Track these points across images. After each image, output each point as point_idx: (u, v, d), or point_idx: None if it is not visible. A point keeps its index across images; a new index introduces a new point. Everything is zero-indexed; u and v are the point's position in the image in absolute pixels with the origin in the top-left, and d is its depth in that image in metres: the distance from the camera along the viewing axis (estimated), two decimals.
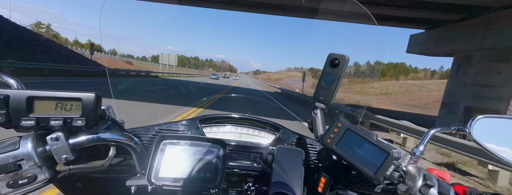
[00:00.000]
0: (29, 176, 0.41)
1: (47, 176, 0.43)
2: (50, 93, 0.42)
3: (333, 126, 0.54)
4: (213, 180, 0.56)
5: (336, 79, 0.57)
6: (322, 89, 0.59)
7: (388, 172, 0.41)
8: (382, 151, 0.43)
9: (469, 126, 0.48)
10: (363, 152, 0.46)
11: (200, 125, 0.81)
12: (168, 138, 0.58)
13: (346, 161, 0.48)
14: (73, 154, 0.44)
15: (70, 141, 0.44)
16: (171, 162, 0.55)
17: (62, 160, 0.44)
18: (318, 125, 0.63)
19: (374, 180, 0.42)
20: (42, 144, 0.43)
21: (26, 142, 0.41)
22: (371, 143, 0.45)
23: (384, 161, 0.42)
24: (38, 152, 0.42)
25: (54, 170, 0.46)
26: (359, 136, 0.48)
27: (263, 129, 0.86)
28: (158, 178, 0.53)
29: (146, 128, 0.75)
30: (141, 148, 0.57)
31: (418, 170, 0.43)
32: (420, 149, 0.48)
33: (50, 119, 0.41)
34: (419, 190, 0.42)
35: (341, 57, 0.56)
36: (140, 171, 0.58)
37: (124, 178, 0.59)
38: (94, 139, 0.47)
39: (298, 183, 0.63)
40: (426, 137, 0.50)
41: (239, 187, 0.72)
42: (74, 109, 0.43)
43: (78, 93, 0.43)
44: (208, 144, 0.59)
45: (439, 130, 0.51)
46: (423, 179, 0.42)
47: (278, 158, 0.68)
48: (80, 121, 0.42)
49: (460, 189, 0.43)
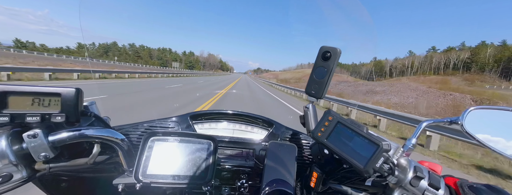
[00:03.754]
0: (4, 175, 0.40)
1: (24, 175, 0.42)
2: (26, 88, 0.40)
3: (323, 119, 0.53)
4: (204, 176, 0.55)
5: (328, 72, 0.56)
6: (314, 83, 0.58)
7: (377, 164, 0.41)
8: (372, 143, 0.42)
9: (462, 118, 0.48)
10: (354, 145, 0.45)
11: (191, 121, 0.79)
12: (157, 135, 0.56)
13: (337, 154, 0.48)
14: (53, 152, 0.43)
15: (50, 138, 0.43)
16: (160, 159, 0.54)
17: (41, 158, 0.42)
18: (310, 119, 0.62)
19: (364, 172, 0.41)
20: (18, 141, 0.41)
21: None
22: (361, 135, 0.45)
23: (374, 154, 0.41)
24: (13, 150, 0.40)
25: (32, 169, 0.44)
26: (349, 129, 0.47)
27: (256, 125, 0.85)
28: (146, 176, 0.52)
29: (134, 125, 0.74)
30: (128, 145, 0.55)
31: (409, 162, 0.43)
32: (412, 142, 0.47)
33: (26, 115, 0.39)
34: (409, 182, 0.41)
35: (333, 49, 0.55)
36: (127, 169, 0.57)
37: (111, 177, 0.58)
38: (76, 136, 0.45)
39: (291, 179, 0.62)
40: (418, 129, 0.49)
41: (232, 184, 0.71)
42: (53, 105, 0.41)
43: (57, 88, 0.41)
44: (198, 140, 0.58)
45: (432, 122, 0.50)
46: (414, 171, 0.42)
47: (271, 154, 0.67)
48: (59, 117, 0.41)
49: (451, 181, 0.43)
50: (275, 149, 0.68)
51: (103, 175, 0.61)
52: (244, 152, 0.77)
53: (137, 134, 0.72)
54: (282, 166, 0.64)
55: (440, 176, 0.43)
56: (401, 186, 0.42)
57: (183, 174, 0.54)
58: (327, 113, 0.53)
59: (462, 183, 0.41)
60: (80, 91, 0.43)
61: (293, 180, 0.62)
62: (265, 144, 0.77)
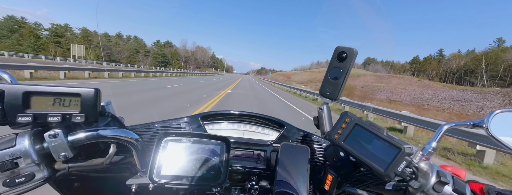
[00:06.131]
0: (27, 175, 0.40)
1: (46, 175, 0.42)
2: (48, 88, 0.40)
3: (341, 121, 0.52)
4: (216, 178, 0.54)
5: (343, 73, 0.55)
6: (328, 84, 0.57)
7: (399, 168, 0.40)
8: (393, 146, 0.41)
9: (487, 121, 0.46)
10: (373, 148, 0.44)
11: (202, 122, 0.80)
12: (170, 135, 0.56)
13: (355, 157, 0.46)
14: (72, 152, 0.43)
15: (69, 138, 0.43)
16: (173, 159, 0.54)
17: (61, 158, 0.42)
18: (324, 121, 0.61)
19: (385, 176, 0.40)
20: (40, 141, 0.42)
21: (23, 139, 0.40)
22: (381, 138, 0.43)
23: (396, 157, 0.40)
24: (36, 150, 0.40)
25: (53, 168, 0.44)
26: (368, 132, 0.46)
27: (267, 126, 0.84)
28: (160, 176, 0.52)
29: (146, 125, 0.74)
30: (142, 146, 0.55)
31: (431, 167, 0.41)
32: (432, 145, 0.46)
33: (48, 115, 0.39)
34: (432, 187, 0.40)
35: (349, 50, 0.54)
36: (141, 170, 0.57)
37: (124, 177, 0.58)
38: (94, 136, 0.46)
39: (304, 181, 0.61)
40: (439, 133, 0.48)
41: (242, 186, 0.71)
42: (73, 105, 0.41)
43: (77, 89, 0.41)
44: (211, 141, 0.58)
45: (454, 125, 0.49)
46: (437, 176, 0.40)
47: (283, 156, 0.66)
48: (79, 117, 0.41)
49: (477, 187, 0.41)
50: (287, 150, 0.67)
51: (115, 175, 0.61)
52: (255, 154, 0.77)
53: (149, 134, 0.72)
54: (295, 168, 0.63)
55: (465, 181, 0.41)
56: (423, 191, 0.41)
57: (196, 175, 0.53)
58: (344, 115, 0.52)
59: (489, 189, 0.39)
60: (99, 91, 0.43)
61: (306, 182, 0.61)
62: (277, 145, 0.76)
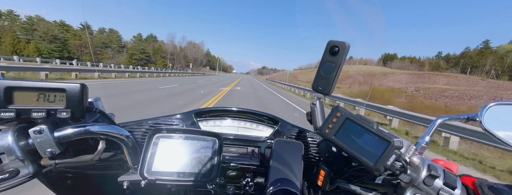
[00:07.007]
0: (11, 171, 0.39)
1: (31, 171, 0.42)
2: (31, 83, 0.40)
3: (331, 115, 0.51)
4: (208, 174, 0.54)
5: (335, 67, 0.54)
6: (321, 78, 0.56)
7: (389, 162, 0.39)
8: (383, 140, 0.40)
9: (480, 114, 0.45)
10: (363, 142, 0.43)
11: (195, 118, 0.79)
12: (162, 131, 0.56)
13: (346, 151, 0.46)
14: (58, 148, 0.43)
15: (55, 134, 0.42)
16: (165, 156, 0.54)
17: (47, 154, 0.42)
18: (317, 116, 0.60)
19: (374, 170, 0.40)
20: (25, 137, 0.41)
21: (6, 135, 0.39)
22: (371, 132, 0.43)
23: (385, 151, 0.39)
24: (20, 146, 0.40)
25: (39, 165, 0.44)
26: (358, 126, 0.45)
27: (261, 123, 0.84)
28: (151, 172, 0.51)
29: (138, 122, 0.74)
30: (133, 142, 0.55)
31: (422, 161, 0.41)
32: (425, 139, 0.45)
33: (31, 110, 0.39)
34: (423, 181, 0.39)
35: (341, 44, 0.53)
36: (132, 166, 0.56)
37: (116, 174, 0.57)
38: (81, 132, 0.45)
39: (298, 177, 0.61)
40: (432, 127, 0.47)
41: (237, 183, 0.70)
42: (58, 101, 0.41)
43: (62, 84, 0.41)
44: (203, 138, 0.57)
45: (447, 119, 0.48)
46: (428, 170, 0.39)
47: (277, 152, 0.66)
48: (64, 112, 0.40)
49: (469, 181, 0.41)
50: (281, 146, 0.67)
51: (108, 172, 0.61)
52: (249, 150, 0.76)
53: (142, 131, 0.72)
54: (288, 164, 0.63)
55: (456, 175, 0.41)
56: (414, 185, 0.40)
57: (188, 172, 0.53)
58: (335, 109, 0.51)
59: (481, 183, 0.39)
60: (85, 86, 0.42)
61: (299, 178, 0.61)
62: (271, 141, 0.76)
